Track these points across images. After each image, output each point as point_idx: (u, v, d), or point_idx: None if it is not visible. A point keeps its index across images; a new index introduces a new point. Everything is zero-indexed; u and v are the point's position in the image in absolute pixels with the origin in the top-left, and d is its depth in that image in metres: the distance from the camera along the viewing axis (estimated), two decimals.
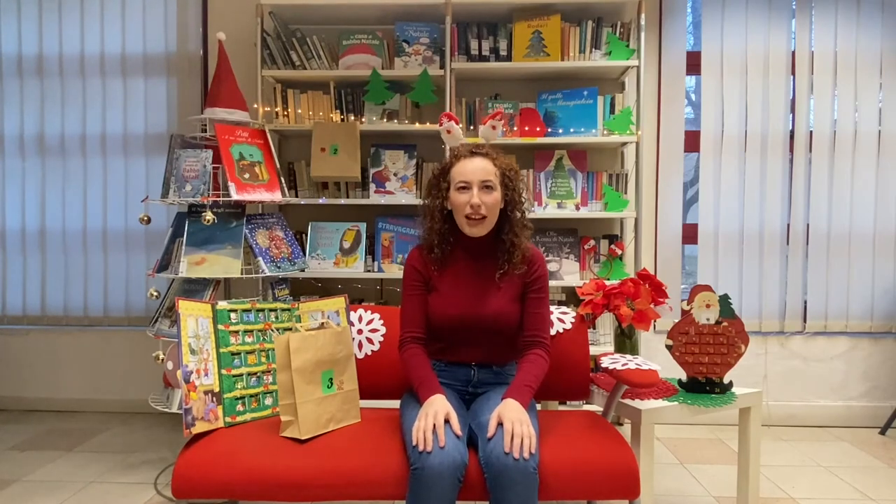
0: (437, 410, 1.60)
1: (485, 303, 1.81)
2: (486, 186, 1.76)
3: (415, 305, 1.85)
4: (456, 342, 1.85)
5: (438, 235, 1.84)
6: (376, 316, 2.17)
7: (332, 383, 1.83)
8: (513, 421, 1.58)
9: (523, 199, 1.86)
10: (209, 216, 2.42)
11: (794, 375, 3.34)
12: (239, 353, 1.91)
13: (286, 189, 2.71)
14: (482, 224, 1.78)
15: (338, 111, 3.11)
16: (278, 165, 2.71)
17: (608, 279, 2.96)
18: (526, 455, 1.53)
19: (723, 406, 2.01)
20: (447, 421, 1.60)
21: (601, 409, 2.03)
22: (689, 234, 3.35)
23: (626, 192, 3.10)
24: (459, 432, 1.60)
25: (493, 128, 1.90)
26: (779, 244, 3.30)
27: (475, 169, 1.76)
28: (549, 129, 3.08)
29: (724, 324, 2.06)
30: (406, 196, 3.07)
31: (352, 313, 2.17)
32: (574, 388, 2.10)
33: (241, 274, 2.48)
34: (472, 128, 3.11)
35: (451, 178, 1.80)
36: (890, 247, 3.30)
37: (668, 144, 3.30)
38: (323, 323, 1.89)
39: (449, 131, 1.91)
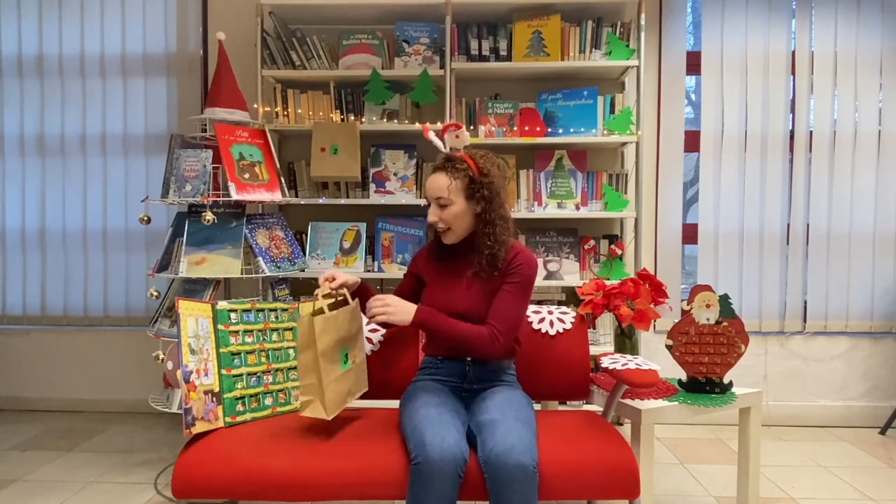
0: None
1: (467, 300, 1.84)
2: (440, 205, 1.83)
3: (403, 284, 2.04)
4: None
5: (432, 234, 1.95)
6: None
7: (346, 358, 1.82)
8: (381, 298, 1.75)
9: (497, 201, 1.84)
10: (209, 216, 2.42)
11: (794, 375, 3.34)
12: (239, 353, 1.91)
13: (286, 189, 2.71)
14: (448, 234, 1.87)
15: (338, 111, 3.11)
16: (278, 165, 2.71)
17: (608, 279, 2.96)
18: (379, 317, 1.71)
19: (723, 406, 2.01)
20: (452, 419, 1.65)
21: (601, 409, 2.03)
22: (689, 234, 3.35)
23: (626, 192, 3.10)
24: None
25: (457, 136, 1.88)
26: (779, 244, 3.30)
27: (432, 186, 1.84)
28: (549, 129, 3.08)
29: (724, 324, 2.06)
30: (406, 196, 3.07)
31: None
32: (574, 388, 2.10)
33: (241, 274, 2.48)
34: (472, 128, 3.11)
35: None
36: (890, 247, 3.30)
37: (668, 144, 3.30)
38: (336, 298, 1.85)
39: (432, 141, 1.92)
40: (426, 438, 1.55)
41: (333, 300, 1.82)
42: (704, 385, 2.08)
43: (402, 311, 1.75)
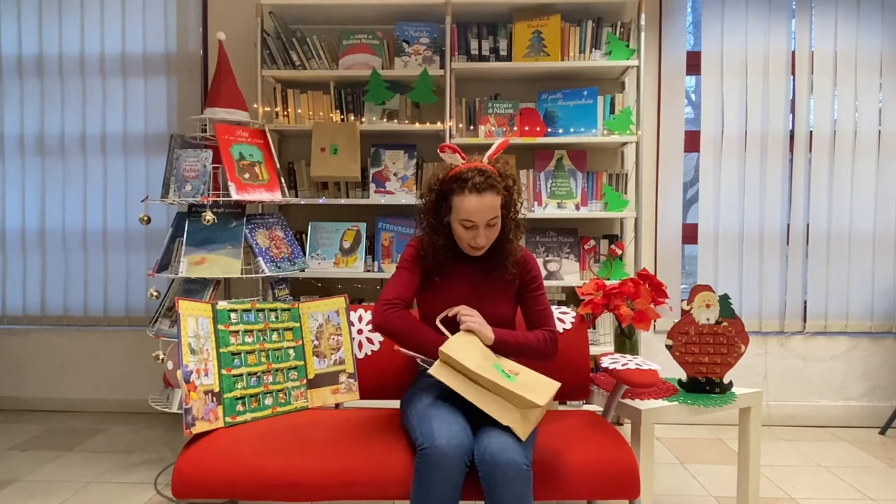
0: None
1: (481, 303, 1.82)
2: (490, 225, 1.76)
3: (407, 279, 1.82)
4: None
5: (441, 250, 1.82)
6: None
7: (506, 373, 1.68)
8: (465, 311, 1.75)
9: (520, 204, 1.85)
10: (209, 216, 2.41)
11: (794, 375, 3.34)
12: (239, 353, 1.91)
13: (286, 189, 2.71)
14: (482, 248, 1.81)
15: (338, 111, 3.11)
16: (278, 165, 2.71)
17: (608, 279, 2.96)
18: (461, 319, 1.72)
19: (723, 406, 2.01)
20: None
21: (601, 409, 2.03)
22: (689, 234, 3.35)
23: (626, 192, 3.10)
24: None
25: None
26: (779, 244, 3.30)
27: (482, 209, 1.71)
28: (549, 129, 3.08)
29: (724, 324, 2.06)
30: (406, 196, 3.06)
31: (352, 313, 2.17)
32: (574, 388, 2.10)
33: (241, 274, 2.48)
34: (471, 127, 3.11)
35: (454, 208, 1.75)
36: (890, 247, 3.30)
37: (668, 144, 3.30)
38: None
39: (450, 157, 1.82)
40: (433, 425, 1.57)
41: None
42: (704, 385, 2.08)
43: (486, 327, 1.74)
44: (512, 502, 1.52)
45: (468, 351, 1.65)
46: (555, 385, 1.69)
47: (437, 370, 1.62)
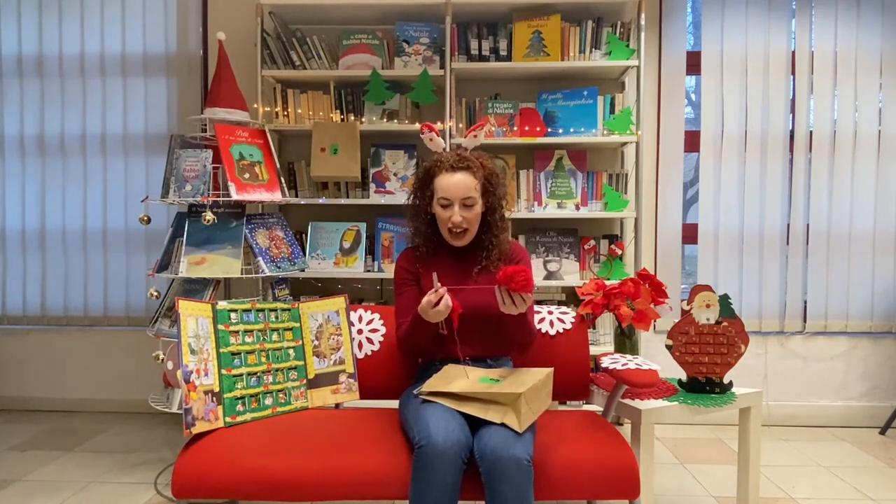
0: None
1: (470, 296, 1.83)
2: (466, 205, 1.84)
3: (410, 299, 1.92)
4: (446, 338, 1.87)
5: (423, 237, 1.96)
6: (376, 316, 2.18)
7: (498, 379, 1.72)
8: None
9: (503, 202, 1.94)
10: (209, 216, 2.41)
11: (794, 375, 3.34)
12: (239, 353, 1.91)
13: (286, 189, 2.71)
14: (464, 236, 1.89)
15: (338, 111, 3.11)
16: (278, 165, 2.71)
17: (608, 279, 2.96)
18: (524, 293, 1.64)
19: (723, 406, 2.01)
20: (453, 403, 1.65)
21: (601, 409, 2.04)
22: (689, 234, 3.35)
23: (626, 192, 3.10)
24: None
25: (475, 136, 1.97)
26: (779, 244, 3.30)
27: (456, 186, 1.83)
28: (549, 129, 3.08)
29: (724, 324, 2.06)
30: (406, 196, 3.06)
31: (352, 313, 2.17)
32: (574, 388, 2.10)
33: (241, 274, 2.48)
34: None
35: (435, 188, 1.88)
36: (890, 247, 3.30)
37: (668, 144, 3.30)
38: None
39: (431, 140, 1.97)
40: (430, 424, 1.57)
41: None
42: (704, 385, 2.08)
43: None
44: (513, 497, 1.51)
45: (447, 380, 1.72)
46: (543, 370, 1.73)
47: (430, 398, 1.69)
